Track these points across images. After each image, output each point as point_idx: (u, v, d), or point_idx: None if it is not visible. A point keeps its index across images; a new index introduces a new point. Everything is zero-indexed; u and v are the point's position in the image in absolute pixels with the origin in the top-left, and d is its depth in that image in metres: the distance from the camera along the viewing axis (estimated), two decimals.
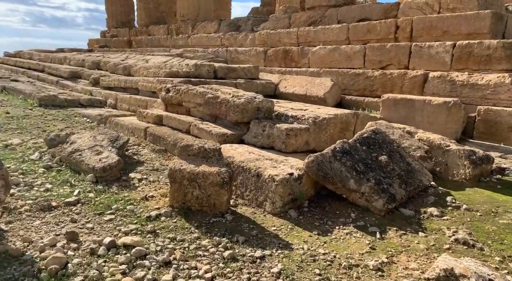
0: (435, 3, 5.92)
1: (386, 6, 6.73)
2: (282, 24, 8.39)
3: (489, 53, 4.82)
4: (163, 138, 4.22)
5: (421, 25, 5.79)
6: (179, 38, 11.04)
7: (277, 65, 7.80)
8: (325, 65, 6.84)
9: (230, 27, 9.74)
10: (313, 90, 6.10)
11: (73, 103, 6.18)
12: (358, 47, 6.37)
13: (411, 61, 5.66)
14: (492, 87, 4.58)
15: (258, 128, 3.98)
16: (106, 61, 9.10)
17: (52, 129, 4.77)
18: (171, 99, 4.95)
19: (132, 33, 13.57)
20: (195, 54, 9.15)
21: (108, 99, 6.48)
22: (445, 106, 4.54)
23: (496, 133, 4.52)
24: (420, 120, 4.75)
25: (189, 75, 6.18)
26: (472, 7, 5.48)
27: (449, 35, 5.48)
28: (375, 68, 6.10)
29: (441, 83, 5.07)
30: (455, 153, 3.46)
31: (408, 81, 5.42)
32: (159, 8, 13.40)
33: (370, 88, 5.94)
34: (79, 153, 3.54)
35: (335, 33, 7.00)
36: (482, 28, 5.12)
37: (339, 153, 3.11)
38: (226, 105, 4.10)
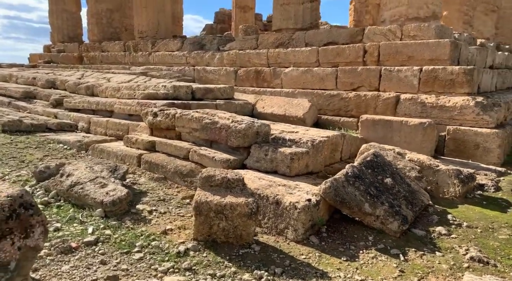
0: (397, 30, 6.47)
1: (352, 31, 7.20)
2: (250, 44, 8.57)
3: (452, 78, 5.38)
4: (162, 166, 4.11)
5: (387, 50, 6.29)
6: (138, 56, 10.75)
7: (249, 85, 7.94)
8: (298, 86, 7.11)
9: (194, 46, 9.72)
10: (291, 111, 6.31)
11: (40, 128, 5.75)
12: (330, 70, 6.73)
13: (382, 84, 6.11)
14: (459, 109, 5.11)
15: (259, 152, 4.04)
16: (63, 80, 8.57)
17: (30, 158, 4.40)
18: (160, 124, 4.84)
19: (83, 49, 12.92)
20: (161, 72, 8.98)
21: (79, 122, 6.12)
22: (421, 126, 4.96)
23: (464, 150, 5.04)
24: (398, 140, 5.14)
25: (167, 96, 6.08)
26: (430, 35, 6.08)
27: (414, 60, 6.02)
28: (347, 90, 6.48)
29: (412, 105, 5.54)
30: (445, 173, 3.80)
31: (382, 103, 5.84)
32: (113, 24, 12.94)
33: (345, 108, 6.29)
34: (81, 187, 3.34)
35: (305, 56, 7.32)
36: (443, 55, 5.71)
37: (352, 177, 3.29)
38: (226, 131, 4.12)
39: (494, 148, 4.81)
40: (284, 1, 8.08)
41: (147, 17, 11.06)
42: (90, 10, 12.80)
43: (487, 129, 4.89)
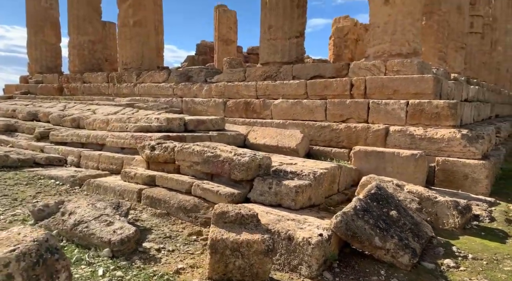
0: (381, 65, 6.81)
1: (337, 65, 7.51)
2: (237, 77, 8.74)
3: (438, 111, 5.67)
4: (164, 201, 4.04)
5: (374, 84, 6.58)
6: (123, 87, 10.69)
7: (238, 116, 8.03)
8: (289, 117, 7.26)
9: (180, 77, 9.80)
10: (284, 142, 6.40)
11: (27, 163, 5.53)
12: (320, 102, 6.94)
13: (370, 116, 6.34)
14: (446, 140, 5.36)
15: (263, 185, 4.06)
16: (46, 112, 8.37)
17: (22, 196, 4.22)
18: (158, 157, 4.79)
19: (63, 80, 12.73)
20: (147, 104, 8.95)
21: (68, 156, 5.94)
22: (412, 158, 5.15)
23: (454, 180, 5.24)
24: (391, 170, 5.29)
25: (161, 129, 6.05)
26: (413, 71, 6.44)
27: (399, 93, 6.31)
28: (337, 121, 6.67)
29: (402, 136, 5.76)
30: (443, 204, 3.94)
31: (372, 134, 6.04)
32: (95, 55, 12.89)
33: (336, 139, 6.45)
34: (85, 225, 3.23)
35: (293, 88, 7.53)
36: (427, 89, 6.03)
37: (360, 211, 3.35)
38: (230, 164, 4.12)
39: (482, 178, 5.04)
40: (271, 37, 8.36)
41: (132, 49, 11.11)
42: (72, 42, 12.73)
43: (474, 160, 5.13)
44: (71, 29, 12.70)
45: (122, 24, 11.14)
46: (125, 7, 11.00)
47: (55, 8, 14.40)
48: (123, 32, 11.13)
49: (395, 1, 6.79)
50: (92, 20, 12.76)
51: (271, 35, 8.37)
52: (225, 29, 14.34)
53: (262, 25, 8.61)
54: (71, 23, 12.66)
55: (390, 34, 6.87)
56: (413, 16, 6.85)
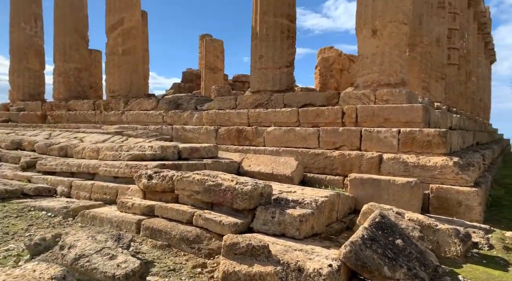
0: (371, 94, 7.01)
1: (328, 94, 7.69)
2: (228, 104, 8.81)
3: (429, 139, 5.83)
4: (165, 232, 3.92)
5: (365, 113, 6.75)
6: (111, 114, 10.57)
7: (230, 143, 8.02)
8: (282, 144, 7.30)
9: (170, 105, 9.78)
10: (279, 169, 6.40)
11: (15, 194, 5.30)
12: (312, 129, 7.03)
13: (363, 144, 6.45)
14: (439, 168, 5.49)
15: (266, 214, 4.01)
16: (31, 141, 8.14)
17: (14, 229, 4.01)
18: (155, 186, 4.69)
19: (47, 108, 12.49)
20: (137, 131, 8.85)
21: (57, 186, 5.74)
22: (408, 185, 5.23)
23: (448, 207, 5.33)
24: (387, 198, 5.34)
25: (155, 157, 5.96)
26: (402, 100, 6.65)
27: (390, 122, 6.48)
28: (330, 148, 6.75)
29: (395, 164, 5.86)
30: (444, 232, 3.98)
31: (366, 162, 6.12)
32: (81, 82, 12.77)
33: (330, 167, 6.50)
34: (87, 259, 3.09)
35: (286, 116, 7.63)
36: (417, 117, 6.23)
37: (368, 240, 3.34)
38: (232, 193, 4.07)
39: (476, 205, 5.14)
40: (263, 66, 8.53)
41: (120, 77, 11.09)
42: (57, 69, 12.61)
43: (467, 188, 5.25)
44: (57, 57, 12.61)
45: (111, 52, 11.16)
46: (114, 35, 11.06)
47: (40, 35, 14.34)
48: (112, 60, 11.13)
49: (382, 34, 7.10)
50: (79, 47, 12.74)
51: (262, 65, 8.55)
52: (213, 58, 14.55)
53: (253, 54, 8.79)
54: (58, 50, 12.59)
55: (378, 65, 7.13)
56: (399, 48, 7.16)
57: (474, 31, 20.46)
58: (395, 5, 7.01)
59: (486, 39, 25.57)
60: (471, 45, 18.88)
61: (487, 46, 26.67)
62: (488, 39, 26.33)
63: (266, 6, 8.44)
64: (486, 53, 26.83)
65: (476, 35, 21.46)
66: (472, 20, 19.42)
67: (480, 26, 22.35)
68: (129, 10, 11.12)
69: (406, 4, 7.14)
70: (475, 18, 20.34)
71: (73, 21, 12.53)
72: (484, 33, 24.20)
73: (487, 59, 27.88)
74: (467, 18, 17.47)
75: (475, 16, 20.30)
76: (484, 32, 24.05)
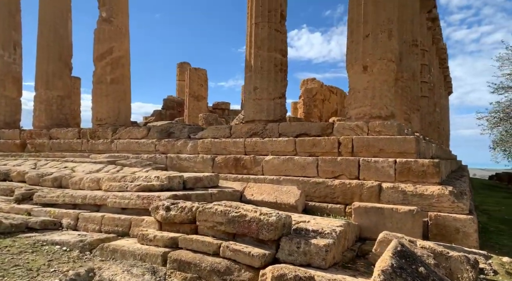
0: (364, 126, 7.45)
1: (322, 125, 8.07)
2: (223, 133, 8.97)
3: (424, 169, 6.26)
4: (195, 264, 3.95)
5: (360, 143, 7.13)
6: (99, 143, 10.39)
7: (227, 172, 8.12)
8: (281, 173, 7.50)
9: (161, 134, 9.80)
10: (283, 198, 6.57)
11: (19, 228, 5.09)
12: (311, 159, 7.31)
13: (361, 173, 6.79)
14: (436, 197, 5.88)
15: (291, 245, 4.15)
16: (21, 171, 7.84)
17: (36, 265, 3.87)
18: (174, 218, 4.72)
19: (26, 136, 12.06)
20: (130, 161, 8.77)
21: (62, 219, 5.57)
22: (410, 213, 5.55)
23: (446, 234, 5.68)
24: (390, 226, 5.62)
25: (163, 188, 5.97)
26: (393, 132, 7.12)
27: (385, 152, 6.89)
28: (329, 177, 7.03)
29: (394, 193, 6.21)
30: (456, 259, 4.27)
31: (366, 191, 6.43)
32: (63, 110, 12.50)
33: (331, 195, 6.75)
34: None
35: (282, 145, 7.88)
36: (410, 148, 6.67)
37: (397, 269, 3.54)
38: (257, 224, 4.19)
39: (472, 232, 5.52)
40: (257, 97, 8.84)
41: (108, 105, 11.01)
42: (38, 96, 12.30)
43: (463, 215, 5.65)
44: (39, 84, 12.33)
45: (98, 81, 11.10)
46: (103, 64, 11.06)
47: (18, 63, 14.01)
48: (100, 89, 11.06)
49: (372, 70, 7.65)
50: (62, 75, 12.55)
51: (257, 95, 8.85)
52: (197, 86, 14.77)
53: (247, 85, 9.10)
54: (40, 78, 12.33)
55: (370, 98, 7.62)
56: (388, 83, 7.72)
57: (436, 66, 22.16)
58: (384, 45, 7.61)
59: (445, 73, 27.70)
60: (436, 78, 20.39)
61: (445, 79, 28.86)
62: (447, 72, 28.58)
63: (261, 42, 8.85)
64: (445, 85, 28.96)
65: (438, 69, 23.22)
66: (435, 55, 21.07)
67: (440, 61, 24.27)
68: (118, 39, 11.23)
69: (393, 44, 7.78)
70: (437, 54, 22.07)
71: (57, 49, 12.40)
72: (444, 67, 26.27)
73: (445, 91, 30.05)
74: (432, 54, 18.94)
75: (437, 52, 22.05)
76: (444, 66, 26.12)
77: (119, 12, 11.28)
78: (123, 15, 11.43)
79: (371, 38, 7.66)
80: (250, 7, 9.13)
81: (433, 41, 19.58)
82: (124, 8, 11.49)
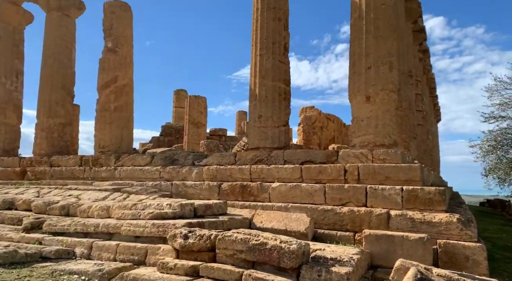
0: (368, 153, 7.65)
1: (327, 152, 8.25)
2: (228, 160, 9.07)
3: (431, 197, 6.41)
4: None
5: (366, 171, 7.30)
6: (102, 170, 10.38)
7: (234, 199, 8.17)
8: (288, 200, 7.58)
9: (165, 161, 9.86)
10: (292, 226, 6.63)
11: (34, 257, 5.05)
12: (318, 186, 7.43)
13: (368, 200, 6.91)
14: (444, 224, 6.00)
15: (312, 273, 4.21)
16: (26, 200, 7.79)
17: None
18: (192, 246, 4.75)
19: (26, 164, 11.99)
20: (136, 188, 8.78)
21: (75, 248, 5.53)
22: (420, 241, 5.65)
23: (456, 262, 5.75)
24: (401, 253, 5.69)
25: (175, 215, 6.01)
26: (397, 160, 7.32)
27: (391, 180, 7.05)
28: (336, 205, 7.13)
29: (403, 220, 6.32)
30: None
31: (375, 218, 6.54)
32: (64, 138, 12.52)
33: (340, 223, 6.83)
34: None
35: (288, 172, 8.01)
36: (415, 176, 6.85)
37: None
38: (278, 252, 4.26)
39: (482, 260, 5.62)
40: (262, 125, 9.04)
41: (111, 132, 11.10)
42: (40, 124, 12.35)
43: (472, 243, 5.75)
44: (41, 112, 12.41)
45: (102, 109, 11.23)
46: (107, 92, 11.24)
47: (19, 90, 14.15)
48: (103, 116, 11.17)
49: (375, 100, 7.94)
50: (65, 103, 12.68)
51: (262, 123, 9.05)
52: (196, 114, 14.99)
53: (252, 114, 9.31)
54: (42, 106, 12.42)
55: (373, 127, 7.87)
56: (390, 113, 8.00)
57: (427, 95, 22.90)
58: (385, 76, 7.96)
59: (434, 101, 28.61)
60: (427, 107, 21.02)
61: (435, 107, 29.78)
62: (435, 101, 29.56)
63: (265, 72, 9.16)
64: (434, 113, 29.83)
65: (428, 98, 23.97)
66: (426, 85, 21.81)
67: (430, 90, 25.11)
68: (123, 69, 11.47)
69: (394, 75, 8.13)
70: (427, 83, 22.85)
71: (61, 78, 12.58)
72: (433, 96, 27.18)
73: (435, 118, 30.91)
74: (424, 84, 19.63)
75: (427, 82, 22.83)
76: (433, 95, 27.03)
77: (124, 42, 11.59)
78: (127, 46, 11.74)
79: (373, 70, 8.00)
80: (254, 39, 9.49)
81: (424, 72, 20.31)
82: (129, 39, 11.82)
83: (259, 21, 9.39)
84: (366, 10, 8.20)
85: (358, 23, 8.37)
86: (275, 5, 9.37)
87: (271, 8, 9.35)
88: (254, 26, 9.55)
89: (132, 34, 12.04)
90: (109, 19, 11.50)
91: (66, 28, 12.99)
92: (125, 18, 11.71)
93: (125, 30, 11.65)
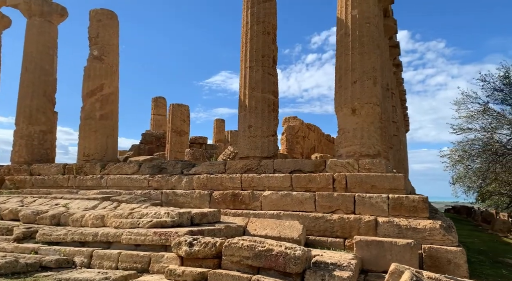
0: (355, 163, 8.05)
1: (315, 161, 8.59)
2: (217, 169, 9.23)
3: (415, 204, 6.85)
4: None
5: (353, 180, 7.68)
6: (87, 179, 10.24)
7: (225, 207, 8.32)
8: (279, 208, 7.83)
9: (153, 169, 9.88)
10: (286, 233, 6.87)
11: (34, 267, 5.00)
12: (308, 194, 7.74)
13: (357, 208, 7.28)
14: (428, 230, 6.44)
15: (316, 277, 4.47)
16: (13, 209, 7.60)
17: None
18: (197, 253, 4.89)
19: (4, 172, 11.62)
20: (125, 197, 8.75)
21: (75, 257, 5.51)
22: (408, 246, 6.04)
23: (439, 265, 6.18)
24: (390, 258, 6.05)
25: (174, 223, 6.12)
26: (382, 169, 7.75)
27: (376, 188, 7.46)
28: (326, 212, 7.45)
29: (390, 227, 6.71)
30: None
31: (364, 225, 6.90)
32: (44, 145, 12.23)
33: (330, 229, 7.15)
34: None
35: (279, 181, 8.27)
36: (400, 185, 7.29)
37: None
38: (284, 257, 4.49)
39: (463, 263, 6.08)
40: (252, 134, 9.28)
41: (96, 140, 10.99)
42: (19, 131, 12.02)
43: (454, 247, 6.21)
44: (21, 119, 12.10)
45: (87, 117, 11.12)
46: (92, 100, 11.14)
47: None
48: (88, 124, 11.05)
49: (360, 113, 8.39)
50: (46, 110, 12.43)
51: (251, 133, 9.30)
52: (179, 122, 15.02)
53: (241, 124, 9.54)
54: (22, 113, 12.12)
55: (359, 138, 8.30)
56: (374, 125, 8.47)
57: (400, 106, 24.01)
58: (370, 90, 8.43)
59: (404, 112, 30.00)
60: (399, 118, 22.04)
61: (405, 117, 31.23)
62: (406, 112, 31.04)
63: (255, 84, 9.44)
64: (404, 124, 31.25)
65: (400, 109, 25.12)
66: (398, 97, 22.88)
67: (402, 102, 26.34)
68: (109, 77, 11.42)
69: (378, 89, 8.63)
70: (399, 96, 23.97)
71: (42, 85, 12.35)
72: (404, 107, 28.52)
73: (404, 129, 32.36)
74: (397, 96, 20.60)
75: (399, 94, 23.96)
76: (404, 107, 28.37)
77: (111, 51, 11.56)
78: (114, 54, 11.71)
79: (358, 84, 8.46)
80: (244, 52, 9.77)
81: (397, 84, 21.33)
82: (115, 47, 11.80)
83: (249, 34, 9.69)
84: (352, 28, 8.68)
85: (344, 39, 8.84)
86: (264, 19, 9.71)
87: (260, 22, 9.68)
88: (244, 39, 9.84)
89: (118, 43, 12.03)
90: (95, 27, 11.45)
91: (49, 34, 12.79)
92: (112, 27, 11.70)
93: (112, 38, 11.64)
